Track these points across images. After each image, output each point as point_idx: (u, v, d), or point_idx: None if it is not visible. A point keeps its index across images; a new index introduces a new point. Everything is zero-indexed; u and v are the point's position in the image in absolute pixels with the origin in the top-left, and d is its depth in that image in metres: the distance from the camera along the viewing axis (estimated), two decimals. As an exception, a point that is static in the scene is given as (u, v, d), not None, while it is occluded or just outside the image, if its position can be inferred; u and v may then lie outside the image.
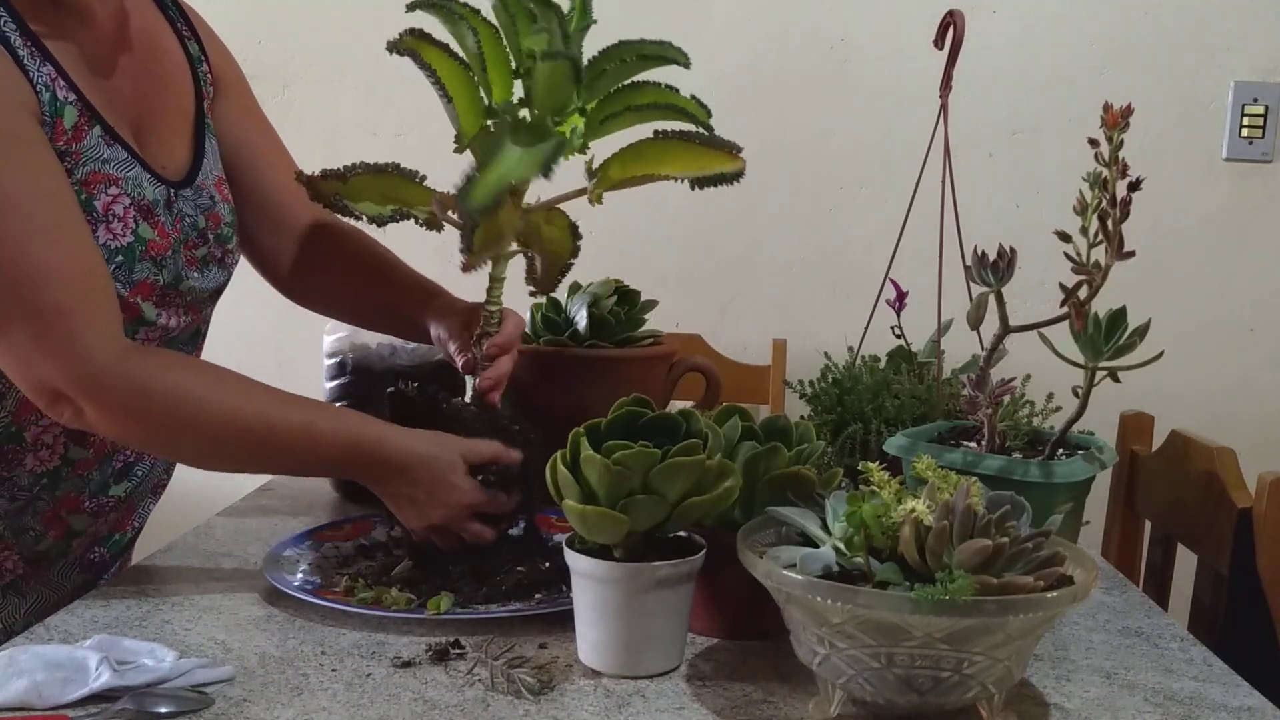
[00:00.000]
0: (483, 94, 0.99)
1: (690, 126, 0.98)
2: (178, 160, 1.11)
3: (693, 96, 0.99)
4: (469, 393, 1.11)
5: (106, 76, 1.04)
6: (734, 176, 0.94)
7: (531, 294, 1.10)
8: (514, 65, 0.98)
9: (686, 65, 0.98)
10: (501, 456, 1.03)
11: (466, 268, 0.99)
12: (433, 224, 1.03)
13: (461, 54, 0.98)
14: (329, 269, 1.25)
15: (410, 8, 0.97)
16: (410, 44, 0.96)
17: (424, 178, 1.01)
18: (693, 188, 0.94)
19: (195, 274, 1.10)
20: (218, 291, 1.17)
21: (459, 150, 1.00)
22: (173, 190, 1.08)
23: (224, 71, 1.20)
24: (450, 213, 0.99)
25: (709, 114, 0.99)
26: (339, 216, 1.26)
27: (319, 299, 1.29)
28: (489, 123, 0.96)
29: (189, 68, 1.15)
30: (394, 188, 1.02)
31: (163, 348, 1.07)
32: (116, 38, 1.06)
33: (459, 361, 1.12)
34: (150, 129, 1.08)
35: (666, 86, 0.98)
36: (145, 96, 1.08)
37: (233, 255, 1.17)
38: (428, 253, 1.37)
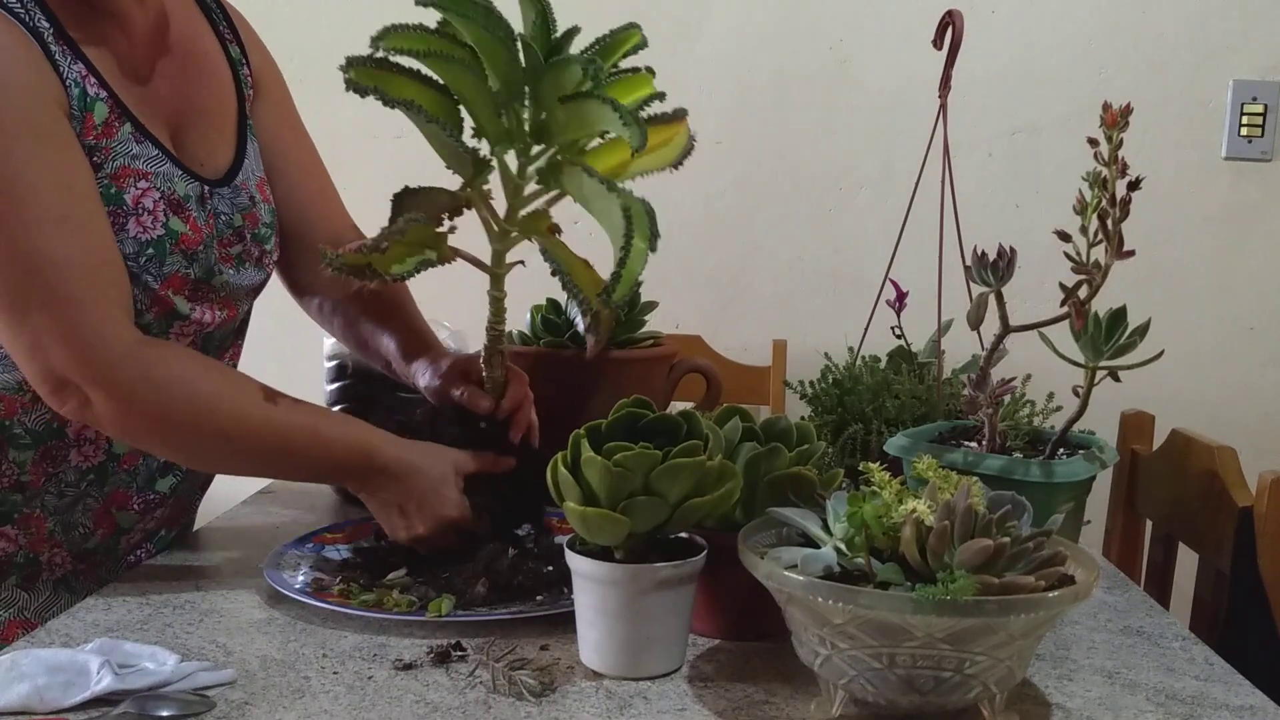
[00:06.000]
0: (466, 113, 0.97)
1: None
2: (219, 160, 1.11)
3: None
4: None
5: (143, 79, 1.05)
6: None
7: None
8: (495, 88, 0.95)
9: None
10: (493, 466, 1.05)
11: (593, 353, 1.00)
12: (446, 260, 1.01)
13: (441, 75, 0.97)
14: (340, 293, 1.23)
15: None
16: (375, 78, 0.95)
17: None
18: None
19: (230, 270, 1.10)
20: (256, 289, 1.17)
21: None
22: (208, 187, 1.08)
23: (264, 75, 1.20)
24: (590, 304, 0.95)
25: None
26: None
27: (325, 318, 1.27)
28: (621, 206, 0.91)
29: (230, 70, 1.16)
30: (418, 240, 1.00)
31: (175, 344, 1.06)
32: (155, 41, 1.07)
33: (480, 406, 1.08)
34: (190, 128, 1.09)
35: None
36: (185, 97, 1.09)
37: (270, 255, 1.17)
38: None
